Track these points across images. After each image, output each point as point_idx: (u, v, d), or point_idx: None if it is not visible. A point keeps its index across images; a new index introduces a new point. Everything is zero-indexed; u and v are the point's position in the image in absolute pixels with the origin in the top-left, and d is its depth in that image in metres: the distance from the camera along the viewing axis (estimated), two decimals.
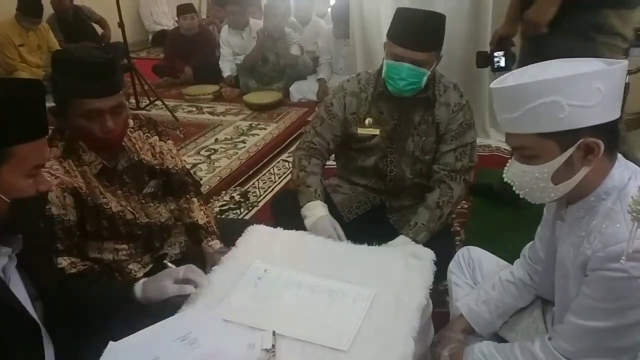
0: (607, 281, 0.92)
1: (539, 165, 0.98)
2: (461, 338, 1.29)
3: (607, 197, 0.97)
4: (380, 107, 1.71)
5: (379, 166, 1.77)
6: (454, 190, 1.63)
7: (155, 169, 1.56)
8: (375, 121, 1.72)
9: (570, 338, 1.02)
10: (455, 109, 1.67)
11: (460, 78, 3.41)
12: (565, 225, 1.07)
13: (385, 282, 1.25)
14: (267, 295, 1.21)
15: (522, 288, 1.30)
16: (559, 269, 1.09)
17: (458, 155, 1.66)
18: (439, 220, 1.61)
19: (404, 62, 1.55)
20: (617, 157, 0.99)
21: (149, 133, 1.56)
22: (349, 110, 1.73)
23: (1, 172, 0.91)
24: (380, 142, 1.73)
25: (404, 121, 1.70)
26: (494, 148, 3.36)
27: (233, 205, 2.70)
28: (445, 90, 1.69)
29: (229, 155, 3.42)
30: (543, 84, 0.92)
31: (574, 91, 0.89)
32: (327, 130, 1.74)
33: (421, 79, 1.58)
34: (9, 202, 0.94)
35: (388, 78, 1.61)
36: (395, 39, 1.57)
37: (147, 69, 5.04)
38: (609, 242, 0.91)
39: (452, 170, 1.64)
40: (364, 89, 1.73)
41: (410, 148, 1.72)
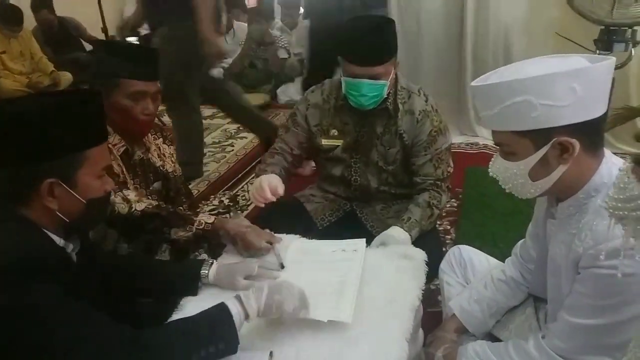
0: (599, 278, 0.92)
1: (517, 162, 0.99)
2: (454, 338, 1.28)
3: (597, 194, 0.96)
4: (344, 118, 1.69)
5: (344, 175, 1.77)
6: (441, 197, 1.63)
7: (159, 171, 1.58)
8: (340, 132, 1.70)
9: (563, 336, 1.01)
10: (420, 118, 1.62)
11: (443, 78, 3.46)
12: (556, 223, 1.07)
13: (377, 284, 1.25)
14: None
15: (514, 286, 1.30)
16: (551, 266, 1.09)
17: (435, 164, 1.64)
18: (429, 220, 1.60)
19: (362, 78, 1.52)
20: (603, 153, 0.99)
21: (156, 135, 1.60)
22: (312, 122, 1.72)
23: (78, 175, 0.99)
24: (344, 153, 1.72)
25: (367, 132, 1.68)
26: (481, 146, 3.38)
27: (222, 210, 2.69)
28: (410, 97, 1.65)
29: (217, 159, 3.40)
30: (515, 83, 0.92)
31: (546, 91, 0.89)
32: (290, 138, 1.74)
33: (382, 90, 1.55)
34: (84, 203, 1.01)
35: (348, 94, 1.58)
36: (348, 57, 1.53)
37: None
38: (600, 239, 0.91)
39: (436, 179, 1.63)
40: (327, 99, 1.71)
41: (374, 158, 1.71)
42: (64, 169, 0.98)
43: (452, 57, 3.41)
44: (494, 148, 3.44)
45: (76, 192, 1.00)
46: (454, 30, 3.34)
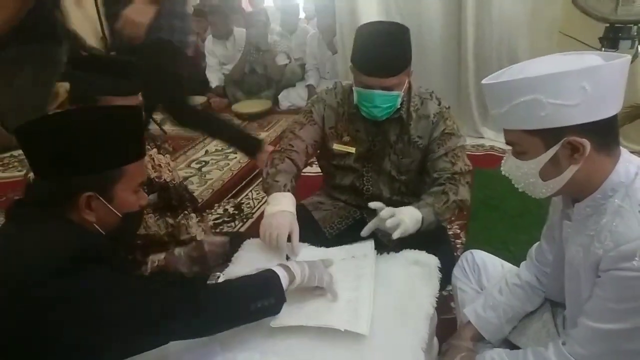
0: (620, 281, 0.89)
1: (527, 161, 0.98)
2: (471, 347, 1.25)
3: (615, 193, 0.94)
4: (357, 125, 1.64)
5: (355, 185, 1.73)
6: (459, 189, 1.54)
7: (154, 182, 1.54)
8: (352, 139, 1.66)
9: (584, 342, 0.98)
10: (435, 120, 1.59)
11: (447, 80, 3.43)
12: (572, 225, 1.04)
13: (390, 292, 1.22)
14: None
15: (530, 291, 1.27)
16: (569, 270, 1.06)
17: (451, 159, 1.58)
18: (445, 205, 1.49)
19: (374, 89, 1.47)
20: (619, 153, 0.96)
21: (148, 146, 1.56)
22: (327, 123, 1.67)
23: (115, 189, 1.01)
24: (356, 163, 1.68)
25: (380, 141, 1.64)
26: (487, 147, 3.35)
27: (227, 218, 2.66)
28: (423, 103, 1.61)
29: (220, 166, 3.37)
30: (524, 81, 0.90)
31: (555, 89, 0.87)
32: (306, 134, 1.65)
33: (395, 102, 1.51)
34: (120, 217, 1.04)
35: (360, 105, 1.53)
36: (361, 68, 1.48)
37: None
38: (620, 240, 0.89)
39: (452, 173, 1.56)
40: (341, 104, 1.66)
41: (387, 168, 1.67)
42: (103, 183, 1.00)
43: (454, 59, 3.39)
44: (500, 149, 3.46)
45: (113, 205, 1.02)
46: (455, 33, 3.31)
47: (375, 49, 1.44)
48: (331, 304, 1.15)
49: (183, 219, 1.63)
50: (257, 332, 1.09)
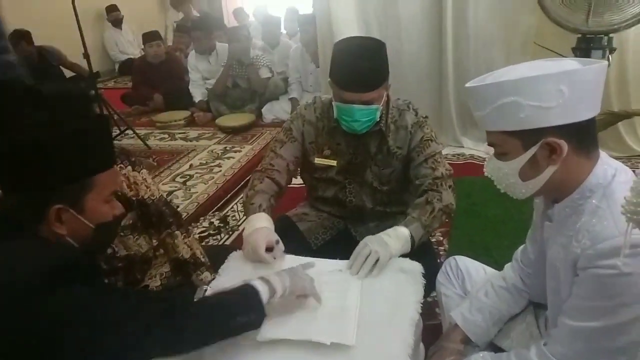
0: (597, 279, 0.92)
1: (507, 162, 1.01)
2: (460, 348, 1.26)
3: (592, 194, 0.97)
4: (337, 138, 1.66)
5: (338, 197, 1.75)
6: (442, 194, 1.56)
7: (131, 201, 1.52)
8: (333, 152, 1.67)
9: (565, 341, 1.01)
10: (412, 130, 1.62)
11: (427, 91, 3.49)
12: (553, 225, 1.07)
13: (375, 299, 1.23)
14: None
15: (516, 293, 1.29)
16: (550, 270, 1.09)
17: (432, 165, 1.60)
18: (431, 215, 1.51)
19: (354, 104, 1.49)
20: (598, 155, 1.00)
21: (122, 164, 1.53)
22: (307, 138, 1.68)
23: (86, 200, 0.99)
24: (338, 175, 1.70)
25: (361, 153, 1.66)
26: (467, 156, 3.41)
27: (213, 231, 2.65)
28: (401, 114, 1.64)
29: (205, 180, 3.37)
30: (504, 84, 0.94)
31: (534, 92, 0.91)
32: (287, 152, 1.67)
33: (374, 115, 1.53)
34: (93, 228, 1.01)
35: (340, 119, 1.55)
36: (339, 83, 1.50)
37: (116, 98, 4.98)
38: (597, 239, 0.91)
39: (434, 178, 1.59)
40: (320, 118, 1.68)
41: (368, 179, 1.69)
42: (72, 194, 0.97)
43: (435, 72, 3.45)
44: (480, 158, 3.53)
45: (84, 217, 0.99)
46: (435, 45, 3.37)
47: (353, 65, 1.46)
48: (316, 315, 1.14)
49: (168, 238, 1.62)
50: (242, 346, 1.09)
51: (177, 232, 1.63)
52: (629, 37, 2.88)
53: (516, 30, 3.17)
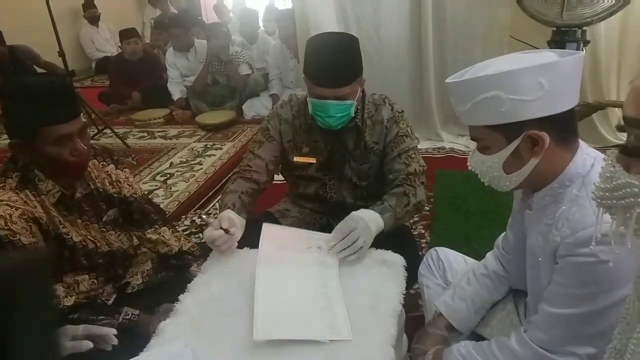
0: (577, 267, 0.94)
1: (491, 155, 1.02)
2: (445, 334, 1.29)
3: (572, 183, 0.99)
4: (315, 135, 1.66)
5: (319, 193, 1.75)
6: (417, 190, 1.58)
7: (113, 198, 1.52)
8: (311, 150, 1.67)
9: (545, 327, 1.02)
10: (388, 125, 1.63)
11: (407, 85, 3.52)
12: (532, 213, 1.09)
13: (358, 292, 1.24)
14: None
15: (497, 280, 1.31)
16: (530, 258, 1.11)
17: (405, 161, 1.61)
18: (405, 208, 1.52)
19: (328, 99, 1.49)
20: (578, 145, 1.01)
21: (105, 162, 1.53)
22: (285, 137, 1.68)
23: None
24: (317, 172, 1.70)
25: (338, 149, 1.67)
26: (447, 150, 3.44)
27: (195, 230, 2.63)
28: (377, 109, 1.64)
29: (186, 178, 3.34)
30: (485, 79, 0.95)
31: (514, 85, 0.92)
32: (266, 152, 1.66)
33: (349, 110, 1.53)
34: None
35: (315, 115, 1.55)
36: (313, 79, 1.49)
37: (93, 97, 4.89)
38: (576, 227, 0.93)
39: (407, 174, 1.60)
40: (297, 116, 1.67)
41: (348, 175, 1.70)
42: None
43: (413, 65, 3.48)
44: (460, 152, 3.57)
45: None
46: (414, 39, 3.39)
47: (326, 60, 1.45)
48: (307, 314, 1.15)
49: (154, 234, 1.61)
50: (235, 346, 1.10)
51: (164, 227, 1.63)
52: (600, 30, 2.94)
53: (493, 24, 3.21)
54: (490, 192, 1.13)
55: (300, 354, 1.06)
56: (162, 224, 1.64)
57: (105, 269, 1.51)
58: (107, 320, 1.39)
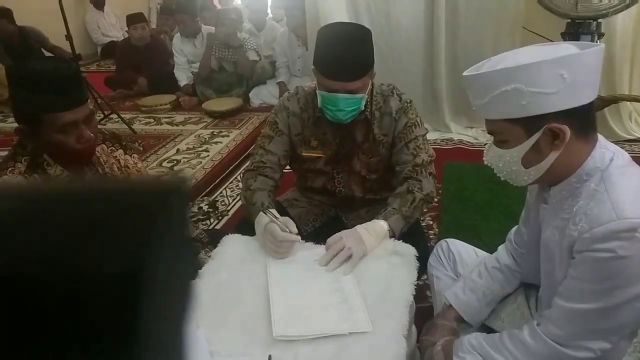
0: (594, 262, 0.93)
1: (509, 149, 1.01)
2: (454, 326, 1.28)
3: (590, 178, 0.97)
4: (323, 129, 1.63)
5: (327, 187, 1.73)
6: (423, 182, 1.55)
7: None
8: (320, 143, 1.65)
9: (559, 322, 1.02)
10: (397, 117, 1.60)
11: (418, 76, 3.48)
12: (549, 208, 1.07)
13: (370, 282, 1.24)
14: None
15: (509, 274, 1.31)
16: (544, 252, 1.10)
17: (414, 152, 1.58)
18: (412, 205, 1.49)
19: (338, 93, 1.45)
20: (596, 138, 1.00)
21: (114, 147, 1.52)
22: (293, 131, 1.65)
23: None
24: (326, 166, 1.68)
25: (347, 142, 1.64)
26: (456, 141, 3.42)
27: (202, 216, 2.63)
28: (385, 100, 1.60)
29: (193, 165, 3.33)
30: (505, 72, 0.93)
31: (535, 78, 0.90)
32: (277, 147, 1.64)
33: (359, 104, 1.50)
34: None
35: (325, 108, 1.52)
36: (324, 72, 1.45)
37: (99, 82, 4.87)
38: (594, 223, 0.92)
39: (414, 165, 1.57)
40: (305, 109, 1.64)
41: (357, 168, 1.67)
42: None
43: (424, 56, 3.44)
44: (469, 143, 3.55)
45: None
46: (426, 29, 3.35)
47: (338, 53, 1.41)
48: (325, 310, 1.15)
49: None
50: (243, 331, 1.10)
51: None
52: (616, 23, 2.90)
53: (506, 14, 3.17)
54: (498, 184, 1.11)
55: (312, 343, 1.06)
56: None
57: None
58: None
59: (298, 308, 1.16)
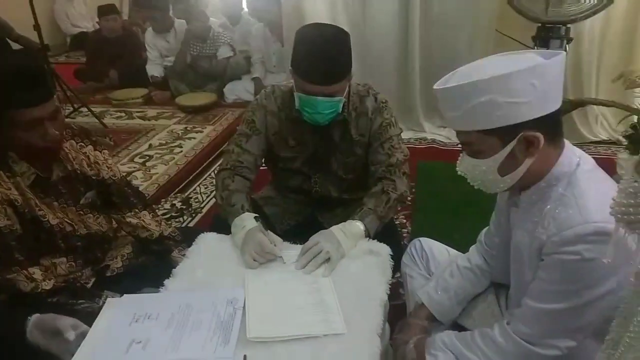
0: (561, 264, 0.96)
1: (485, 159, 1.02)
2: (426, 324, 1.31)
3: (558, 182, 1.01)
4: (300, 129, 1.63)
5: (303, 187, 1.74)
6: (396, 182, 1.57)
7: (91, 180, 1.48)
8: (297, 143, 1.65)
9: (528, 321, 1.05)
10: (373, 117, 1.61)
11: (392, 75, 3.52)
12: (519, 211, 1.11)
13: (346, 281, 1.25)
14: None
15: (480, 274, 1.34)
16: (515, 253, 1.13)
17: (388, 152, 1.60)
18: (387, 205, 1.51)
19: (317, 96, 1.45)
20: (564, 144, 1.03)
21: (83, 142, 1.48)
22: (271, 130, 1.64)
23: None
24: (303, 165, 1.69)
25: (325, 142, 1.64)
26: (429, 141, 3.47)
27: (175, 213, 2.61)
28: (361, 100, 1.61)
29: (165, 160, 3.29)
30: (479, 83, 0.94)
31: (508, 88, 0.92)
32: (253, 146, 1.62)
33: (337, 107, 1.50)
34: None
35: (303, 111, 1.51)
36: (303, 75, 1.44)
37: (68, 73, 4.75)
38: (562, 226, 0.95)
39: (388, 165, 1.59)
40: (282, 108, 1.62)
41: (333, 168, 1.68)
42: None
43: (399, 56, 3.47)
44: (441, 143, 3.60)
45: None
46: (401, 30, 3.38)
47: (318, 57, 1.41)
48: (301, 310, 1.15)
49: (134, 218, 1.58)
50: None
51: (144, 212, 1.60)
52: (584, 28, 2.99)
53: (480, 17, 3.22)
54: (469, 184, 1.12)
55: (287, 342, 1.07)
56: (142, 208, 1.61)
57: (84, 251, 1.48)
58: (88, 304, 1.37)
59: (273, 309, 1.16)
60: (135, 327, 1.11)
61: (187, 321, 1.11)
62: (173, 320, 1.12)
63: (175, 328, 1.10)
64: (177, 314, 1.13)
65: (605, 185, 1.01)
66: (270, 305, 1.17)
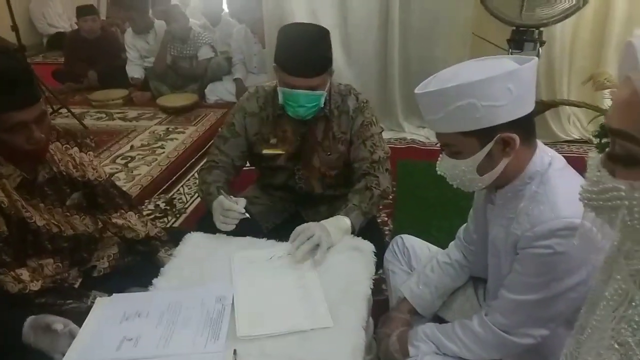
0: (535, 258, 1.02)
1: (464, 159, 1.07)
2: (408, 318, 1.36)
3: (531, 181, 1.07)
4: (283, 126, 1.68)
5: (287, 184, 1.79)
6: (380, 178, 1.63)
7: (76, 181, 1.49)
8: (280, 140, 1.70)
9: (505, 312, 1.12)
10: (354, 115, 1.68)
11: (372, 76, 3.57)
12: (495, 208, 1.17)
13: (331, 276, 1.29)
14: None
15: (459, 269, 1.40)
16: (491, 248, 1.19)
17: (370, 149, 1.66)
18: (370, 201, 1.57)
19: (299, 89, 1.52)
20: (536, 144, 1.09)
21: (68, 144, 1.49)
22: (251, 131, 1.70)
23: None
24: (287, 162, 1.73)
25: (308, 139, 1.70)
26: (409, 140, 3.53)
27: (159, 214, 2.61)
28: (343, 99, 1.68)
29: (148, 162, 3.29)
30: (459, 88, 0.99)
31: (487, 93, 0.98)
32: (232, 149, 1.70)
33: (319, 101, 1.57)
34: None
35: (286, 105, 1.58)
36: (286, 68, 1.52)
37: (46, 74, 4.68)
38: (535, 222, 1.01)
39: (371, 162, 1.65)
40: (264, 107, 1.68)
41: (316, 165, 1.73)
42: None
43: (378, 57, 3.52)
44: (421, 142, 3.66)
45: None
46: (380, 31, 3.43)
47: (300, 50, 1.49)
48: (288, 307, 1.19)
49: (120, 219, 1.59)
50: None
51: (130, 212, 1.61)
52: (556, 32, 3.09)
53: (457, 20, 3.29)
54: (448, 182, 1.18)
55: (277, 337, 1.10)
56: (127, 209, 1.62)
57: (70, 252, 1.49)
58: (76, 304, 1.39)
59: (261, 306, 1.19)
60: (126, 325, 1.13)
61: (177, 318, 1.14)
62: (163, 318, 1.14)
63: (166, 325, 1.13)
64: (167, 311, 1.16)
65: (575, 182, 1.06)
66: (258, 302, 1.20)
